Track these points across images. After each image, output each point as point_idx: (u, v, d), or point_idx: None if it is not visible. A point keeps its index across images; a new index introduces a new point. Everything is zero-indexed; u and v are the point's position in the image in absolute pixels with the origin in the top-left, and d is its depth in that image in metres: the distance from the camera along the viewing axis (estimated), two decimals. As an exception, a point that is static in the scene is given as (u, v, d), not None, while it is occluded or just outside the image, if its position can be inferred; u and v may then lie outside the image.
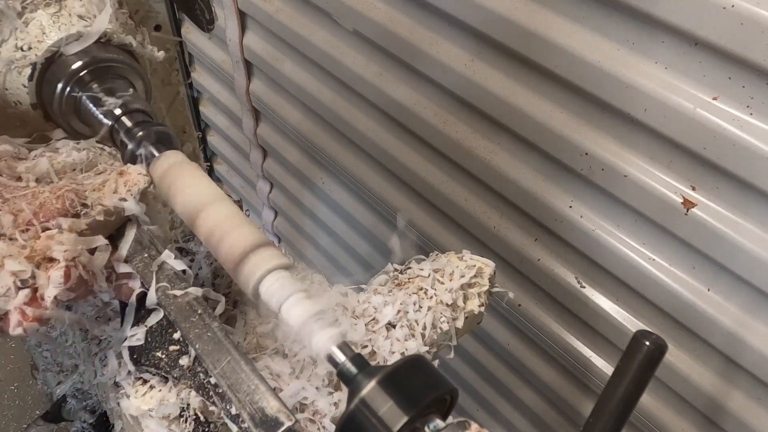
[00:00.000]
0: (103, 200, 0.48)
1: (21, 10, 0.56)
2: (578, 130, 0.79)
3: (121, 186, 0.49)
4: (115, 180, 0.50)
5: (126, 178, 0.50)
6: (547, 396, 1.07)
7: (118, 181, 0.50)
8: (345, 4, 1.01)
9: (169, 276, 0.48)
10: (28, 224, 0.45)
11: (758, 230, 0.68)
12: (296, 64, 1.22)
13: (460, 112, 0.94)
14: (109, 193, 0.49)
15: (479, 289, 0.64)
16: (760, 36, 0.58)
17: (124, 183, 0.49)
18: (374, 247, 1.32)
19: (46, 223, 0.45)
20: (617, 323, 0.87)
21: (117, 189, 0.49)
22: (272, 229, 1.72)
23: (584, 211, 0.84)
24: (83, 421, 1.04)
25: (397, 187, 1.15)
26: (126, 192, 0.49)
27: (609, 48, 0.71)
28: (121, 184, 0.49)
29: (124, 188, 0.49)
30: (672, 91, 0.67)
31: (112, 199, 0.48)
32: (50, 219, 0.45)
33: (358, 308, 0.59)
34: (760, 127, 0.63)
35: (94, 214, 0.47)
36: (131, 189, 0.49)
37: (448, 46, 0.90)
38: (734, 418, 0.79)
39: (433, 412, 0.36)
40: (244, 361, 0.41)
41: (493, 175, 0.93)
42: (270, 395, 0.40)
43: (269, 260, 0.41)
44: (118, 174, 0.50)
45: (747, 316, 0.73)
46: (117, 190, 0.49)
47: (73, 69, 0.55)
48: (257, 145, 1.52)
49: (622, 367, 0.51)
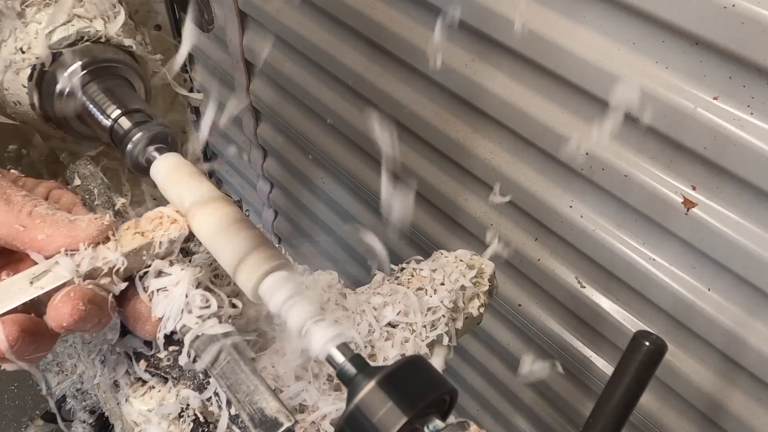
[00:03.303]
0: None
1: (21, 10, 0.56)
2: (579, 129, 0.79)
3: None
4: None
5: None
6: (547, 396, 1.07)
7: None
8: (345, 3, 1.01)
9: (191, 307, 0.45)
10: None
11: (758, 230, 0.68)
12: (296, 64, 1.22)
13: (460, 112, 0.94)
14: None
15: (479, 289, 0.64)
16: (761, 35, 0.58)
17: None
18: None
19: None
20: (617, 323, 0.87)
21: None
22: (272, 229, 1.72)
23: (584, 211, 0.84)
24: (83, 421, 1.04)
25: (397, 187, 1.15)
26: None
27: (609, 47, 0.71)
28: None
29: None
30: (672, 91, 0.67)
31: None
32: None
33: (357, 308, 0.59)
34: (761, 127, 0.63)
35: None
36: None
37: (448, 46, 0.90)
38: (734, 418, 0.79)
39: (432, 412, 0.36)
40: (243, 362, 0.41)
41: (493, 175, 0.93)
42: (269, 396, 0.39)
43: (269, 261, 0.41)
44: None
45: (747, 316, 0.73)
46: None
47: (73, 69, 0.55)
48: (257, 145, 1.52)
49: (622, 367, 0.51)
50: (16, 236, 0.41)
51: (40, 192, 0.47)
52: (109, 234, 0.43)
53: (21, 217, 0.41)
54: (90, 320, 0.40)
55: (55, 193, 0.48)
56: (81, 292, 0.40)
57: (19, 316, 0.39)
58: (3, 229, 0.41)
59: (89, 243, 0.42)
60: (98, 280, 0.42)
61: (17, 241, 0.41)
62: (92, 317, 0.40)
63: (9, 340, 0.38)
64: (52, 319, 0.39)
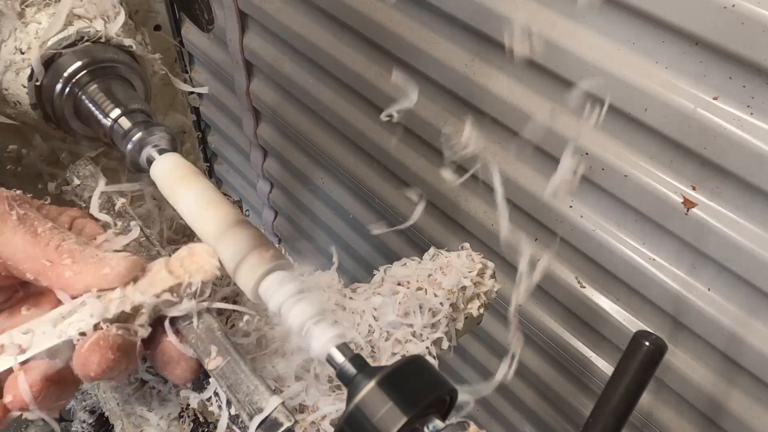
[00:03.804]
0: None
1: (20, 11, 0.56)
2: (578, 129, 0.79)
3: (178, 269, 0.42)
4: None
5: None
6: (547, 396, 1.07)
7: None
8: (345, 3, 1.01)
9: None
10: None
11: (758, 230, 0.68)
12: (296, 64, 1.22)
13: (460, 112, 0.94)
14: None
15: (479, 289, 0.64)
16: (761, 35, 0.58)
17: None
18: (374, 247, 1.32)
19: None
20: (617, 323, 0.87)
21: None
22: (272, 229, 1.72)
23: (584, 211, 0.84)
24: (83, 421, 1.04)
25: (397, 187, 1.15)
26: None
27: (609, 47, 0.71)
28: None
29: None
30: (672, 91, 0.67)
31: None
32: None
33: (357, 308, 0.59)
34: (761, 127, 0.63)
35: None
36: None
37: (448, 46, 0.90)
38: (734, 418, 0.79)
39: (432, 412, 0.36)
40: (243, 362, 0.41)
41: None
42: (269, 396, 0.39)
43: (268, 261, 0.41)
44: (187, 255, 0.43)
45: (747, 316, 0.73)
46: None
47: (73, 69, 0.55)
48: (257, 145, 1.52)
49: (622, 367, 0.51)
50: (41, 271, 0.39)
51: (63, 221, 0.45)
52: (138, 273, 0.41)
53: (48, 251, 0.39)
54: (118, 369, 0.38)
55: (78, 223, 0.45)
56: (110, 340, 0.37)
57: (43, 363, 0.37)
58: (28, 263, 0.39)
59: (119, 283, 0.40)
60: (127, 323, 0.39)
61: (42, 276, 0.39)
62: (121, 365, 0.38)
63: (33, 391, 0.36)
64: (79, 368, 0.37)
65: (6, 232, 0.39)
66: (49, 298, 0.41)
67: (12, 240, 0.39)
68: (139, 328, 0.40)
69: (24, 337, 0.37)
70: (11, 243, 0.39)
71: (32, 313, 0.41)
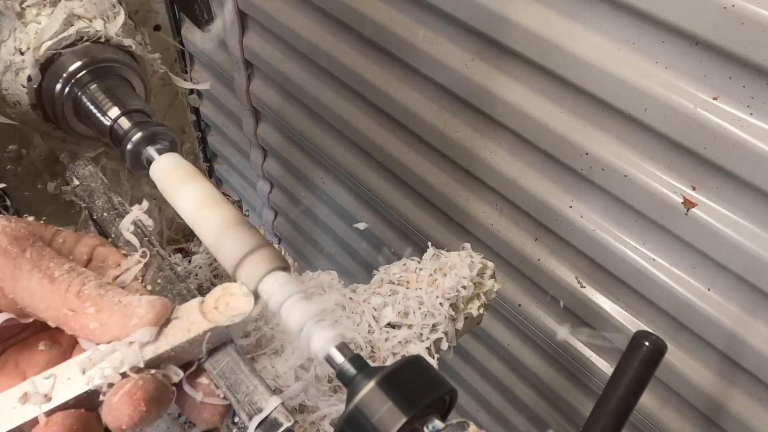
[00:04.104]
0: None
1: (20, 11, 0.56)
2: (578, 129, 0.79)
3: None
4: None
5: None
6: (547, 396, 1.07)
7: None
8: (345, 3, 1.01)
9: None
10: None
11: (758, 230, 0.68)
12: (296, 64, 1.22)
13: (460, 112, 0.94)
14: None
15: (479, 289, 0.64)
16: (761, 36, 0.58)
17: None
18: (374, 247, 1.32)
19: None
20: (617, 323, 0.87)
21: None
22: (272, 229, 1.72)
23: (584, 211, 0.84)
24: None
25: (397, 187, 1.15)
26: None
27: (609, 47, 0.71)
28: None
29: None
30: (672, 91, 0.67)
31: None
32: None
33: (357, 309, 0.59)
34: (761, 127, 0.63)
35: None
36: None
37: (448, 46, 0.90)
38: (734, 418, 0.79)
39: (432, 412, 0.36)
40: (243, 362, 0.41)
41: (493, 175, 0.93)
42: (269, 396, 0.39)
43: (268, 262, 0.41)
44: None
45: (747, 316, 0.73)
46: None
47: (72, 69, 0.55)
48: (257, 145, 1.52)
49: (622, 367, 0.51)
50: (64, 322, 0.36)
51: (82, 252, 0.41)
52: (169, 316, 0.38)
53: (69, 299, 0.36)
54: (151, 419, 0.35)
55: (99, 252, 0.42)
56: (143, 391, 0.34)
57: (69, 414, 0.34)
58: (49, 312, 0.36)
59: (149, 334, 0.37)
60: (159, 368, 0.37)
61: (65, 326, 0.36)
62: (153, 415, 0.35)
63: None
64: (110, 420, 0.34)
65: (22, 279, 0.36)
66: (67, 333, 0.38)
67: (29, 287, 0.36)
68: (172, 375, 0.37)
69: (47, 382, 0.35)
70: (28, 290, 0.36)
71: (51, 352, 0.39)
